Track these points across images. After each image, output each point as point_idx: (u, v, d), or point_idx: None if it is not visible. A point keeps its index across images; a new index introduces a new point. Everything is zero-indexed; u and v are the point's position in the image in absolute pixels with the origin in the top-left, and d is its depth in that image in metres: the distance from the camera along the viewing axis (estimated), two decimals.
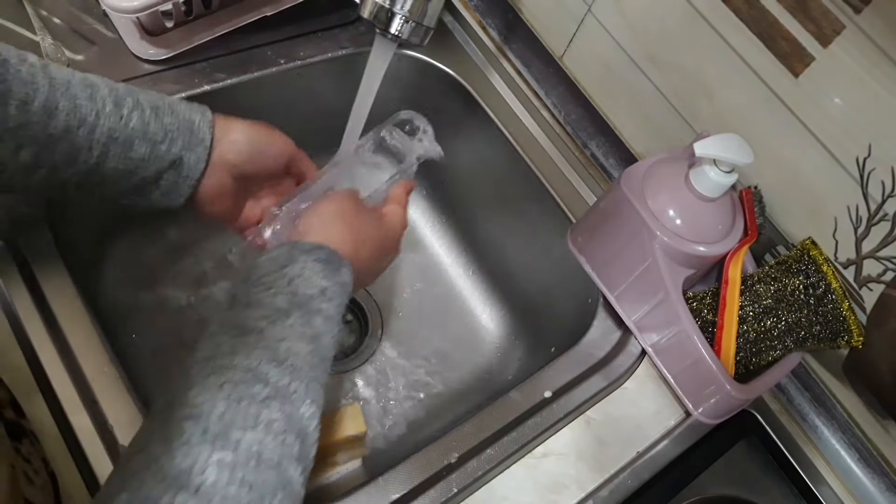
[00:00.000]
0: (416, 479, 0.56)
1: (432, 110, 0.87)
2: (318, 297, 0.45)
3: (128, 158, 0.50)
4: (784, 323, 0.62)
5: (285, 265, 0.46)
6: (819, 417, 0.68)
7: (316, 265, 0.47)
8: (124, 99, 0.50)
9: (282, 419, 0.39)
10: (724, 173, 0.59)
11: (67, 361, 0.54)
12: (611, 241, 0.67)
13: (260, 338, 0.42)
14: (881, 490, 0.66)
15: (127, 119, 0.50)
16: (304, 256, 0.47)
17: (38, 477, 0.46)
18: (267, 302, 0.44)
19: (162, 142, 0.51)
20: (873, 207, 0.57)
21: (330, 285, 0.47)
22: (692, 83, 0.67)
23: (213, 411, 0.38)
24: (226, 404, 0.38)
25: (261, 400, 0.39)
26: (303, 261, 0.47)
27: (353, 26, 0.81)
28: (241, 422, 0.38)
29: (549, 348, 0.78)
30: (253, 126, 0.57)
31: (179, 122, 0.52)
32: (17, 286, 0.57)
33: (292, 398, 0.41)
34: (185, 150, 0.52)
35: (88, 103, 0.48)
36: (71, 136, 0.47)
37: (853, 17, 0.53)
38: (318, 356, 0.44)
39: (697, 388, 0.64)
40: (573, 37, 0.77)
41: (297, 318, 0.44)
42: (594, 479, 0.61)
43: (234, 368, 0.40)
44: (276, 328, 0.43)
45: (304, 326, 0.44)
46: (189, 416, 0.38)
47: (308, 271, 0.46)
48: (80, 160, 0.49)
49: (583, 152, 0.81)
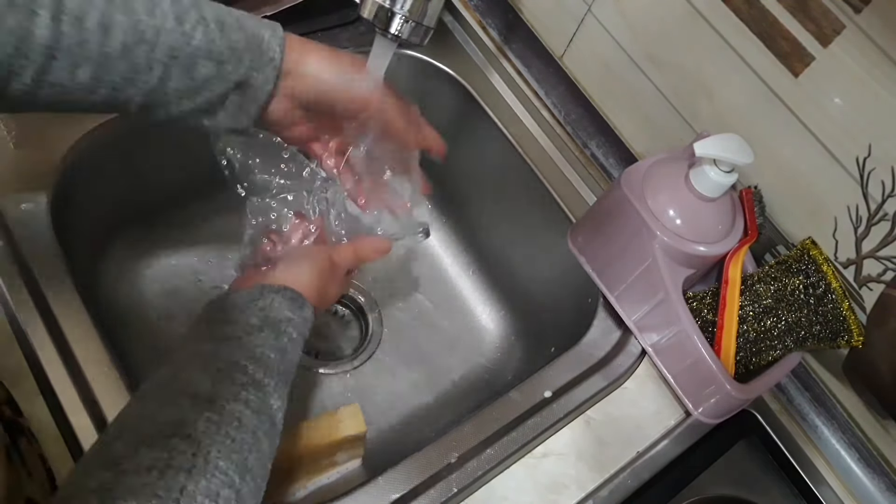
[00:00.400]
0: (416, 479, 0.56)
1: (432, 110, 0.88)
2: (285, 322, 0.50)
3: (191, 78, 0.47)
4: (784, 323, 0.62)
5: (256, 299, 0.50)
6: (819, 417, 0.68)
7: (283, 301, 0.51)
8: (187, 13, 0.46)
9: (256, 401, 0.44)
10: (724, 173, 0.59)
11: (67, 361, 0.54)
12: (611, 241, 0.67)
13: (238, 344, 0.46)
14: (881, 490, 0.66)
15: (189, 36, 0.46)
16: (272, 294, 0.51)
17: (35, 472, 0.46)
18: (242, 321, 0.48)
19: (227, 61, 0.48)
20: (873, 207, 0.57)
21: (294, 317, 0.51)
22: (692, 83, 0.67)
23: (201, 384, 0.42)
24: (211, 382, 0.43)
25: (240, 384, 0.44)
26: (271, 297, 0.51)
27: (352, 26, 0.81)
28: (225, 394, 0.42)
29: (549, 348, 0.78)
30: (335, 57, 0.53)
31: (247, 38, 0.48)
32: (17, 286, 0.57)
33: (265, 389, 0.45)
34: (253, 70, 0.49)
35: (148, 19, 0.45)
36: (129, 54, 0.44)
37: (853, 16, 0.53)
38: (284, 366, 0.48)
39: (697, 387, 0.64)
40: (573, 37, 0.77)
41: (269, 333, 0.48)
42: (594, 479, 0.61)
43: (219, 359, 0.45)
44: (251, 338, 0.47)
45: (274, 340, 0.48)
46: (180, 390, 0.42)
47: (276, 303, 0.50)
48: (141, 80, 0.46)
49: (583, 152, 0.81)
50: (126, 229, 0.78)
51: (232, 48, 0.48)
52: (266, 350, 0.47)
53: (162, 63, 0.46)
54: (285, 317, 0.50)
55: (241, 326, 0.48)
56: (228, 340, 0.46)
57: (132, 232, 0.78)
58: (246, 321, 0.48)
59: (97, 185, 0.70)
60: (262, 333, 0.47)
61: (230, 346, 0.46)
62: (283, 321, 0.49)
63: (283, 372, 0.47)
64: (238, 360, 0.45)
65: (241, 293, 0.51)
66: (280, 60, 0.50)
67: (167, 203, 0.80)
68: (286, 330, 0.49)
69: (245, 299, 0.50)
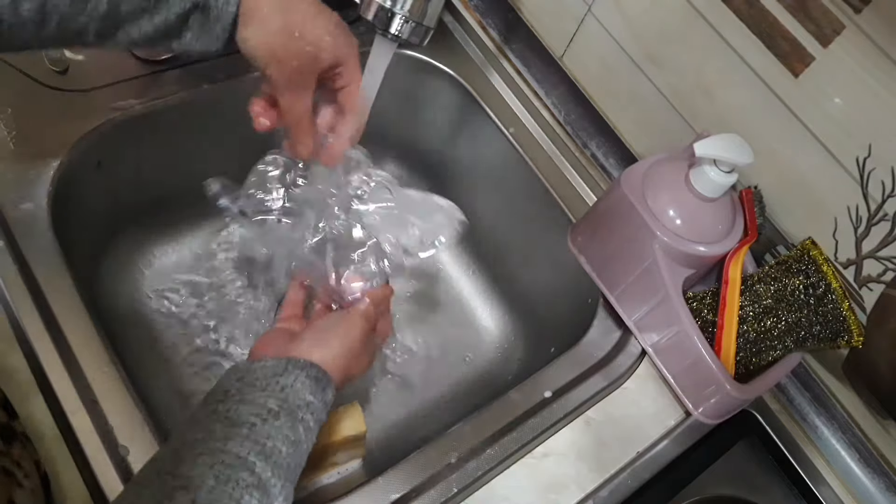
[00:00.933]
0: (416, 480, 0.56)
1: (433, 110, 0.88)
2: (303, 408, 0.48)
3: None
4: (784, 323, 0.62)
5: (280, 374, 0.49)
6: (819, 417, 0.68)
7: (307, 381, 0.49)
8: None
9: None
10: (724, 173, 0.59)
11: (67, 361, 0.54)
12: (611, 241, 0.67)
13: (251, 432, 0.45)
14: (881, 490, 0.66)
15: None
16: (297, 371, 0.49)
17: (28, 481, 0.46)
18: (260, 402, 0.47)
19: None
20: (873, 207, 0.57)
21: (315, 401, 0.49)
22: (692, 83, 0.67)
23: (202, 486, 0.40)
24: (214, 482, 0.41)
25: (245, 486, 0.42)
26: (296, 374, 0.49)
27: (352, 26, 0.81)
28: (227, 500, 0.40)
29: (549, 348, 0.78)
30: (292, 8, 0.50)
31: None
32: (17, 286, 0.56)
33: (271, 491, 0.43)
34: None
35: None
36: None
37: (853, 16, 0.53)
38: (294, 461, 0.47)
39: (697, 387, 0.64)
40: (573, 37, 0.77)
41: (285, 421, 0.46)
42: (594, 479, 0.61)
43: (226, 453, 0.43)
44: (266, 426, 0.45)
45: (289, 430, 0.46)
46: (181, 487, 0.40)
47: (299, 384, 0.49)
48: (90, 6, 0.44)
49: (583, 152, 0.81)
50: (126, 229, 0.78)
51: None
52: (278, 443, 0.45)
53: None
54: (304, 402, 0.48)
55: (257, 408, 0.46)
56: (241, 426, 0.45)
57: (132, 232, 0.78)
58: (263, 403, 0.46)
59: (97, 184, 0.70)
60: (278, 422, 0.46)
61: (241, 434, 0.44)
62: (301, 407, 0.48)
63: (292, 468, 0.46)
64: (247, 455, 0.43)
65: (266, 365, 0.49)
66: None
67: (167, 203, 0.80)
68: (303, 417, 0.48)
69: (268, 373, 0.49)
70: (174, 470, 0.41)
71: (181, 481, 0.40)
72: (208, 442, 0.43)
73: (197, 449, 0.43)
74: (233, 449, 0.43)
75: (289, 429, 0.46)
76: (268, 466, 0.44)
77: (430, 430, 0.77)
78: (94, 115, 0.67)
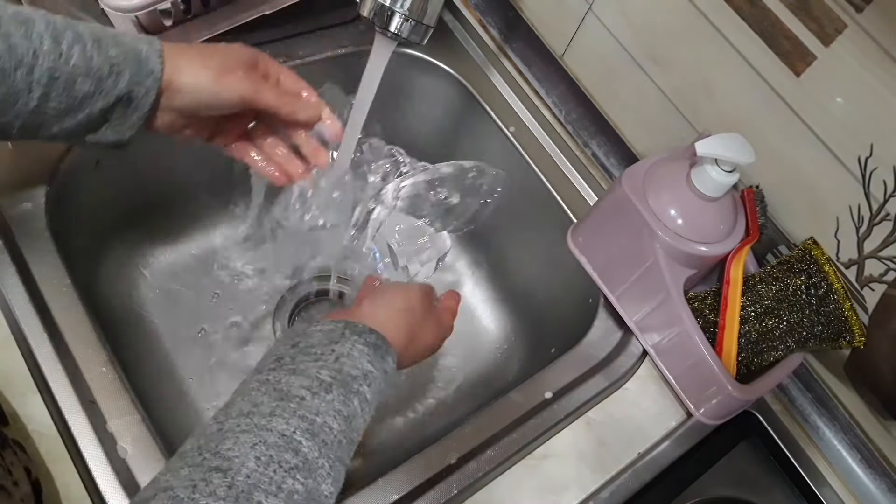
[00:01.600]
0: (416, 481, 0.56)
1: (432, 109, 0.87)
2: (360, 379, 0.46)
3: (71, 97, 0.47)
4: (786, 323, 0.62)
5: (336, 341, 0.47)
6: (821, 418, 0.68)
7: (364, 348, 0.47)
8: (63, 33, 0.46)
9: (303, 492, 0.39)
10: (726, 173, 0.59)
11: (65, 362, 0.54)
12: (612, 241, 0.67)
13: (299, 406, 0.42)
14: (883, 491, 0.66)
15: (67, 56, 0.46)
16: (354, 337, 0.48)
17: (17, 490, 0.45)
18: (312, 373, 0.44)
19: (108, 76, 0.47)
20: (875, 207, 0.57)
21: (374, 370, 0.47)
22: (693, 82, 0.67)
23: (241, 468, 0.38)
24: (255, 464, 0.39)
25: (288, 469, 0.39)
26: (353, 341, 0.47)
27: (352, 25, 0.81)
28: (266, 485, 0.38)
29: (549, 349, 0.78)
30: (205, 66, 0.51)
31: (125, 52, 0.48)
32: (15, 286, 0.56)
33: (317, 473, 0.41)
34: (134, 84, 0.49)
35: (24, 42, 0.44)
36: (7, 79, 0.44)
37: (855, 16, 0.53)
38: (347, 437, 0.44)
39: (699, 388, 0.64)
40: (574, 35, 0.77)
41: (338, 394, 0.44)
42: (595, 481, 0.61)
43: (271, 431, 0.40)
44: (316, 400, 0.43)
45: (342, 405, 0.44)
46: (218, 469, 0.38)
47: (356, 352, 0.47)
48: (20, 103, 0.45)
49: (584, 151, 0.81)
50: (124, 229, 0.77)
51: (111, 64, 0.47)
52: (329, 419, 0.43)
53: (41, 84, 0.45)
54: (361, 371, 0.46)
55: (308, 379, 0.44)
56: (290, 400, 0.42)
57: (130, 232, 0.78)
58: (315, 375, 0.44)
59: (95, 184, 0.70)
60: (330, 395, 0.43)
61: (289, 410, 0.42)
62: (357, 378, 0.46)
63: (344, 445, 0.43)
64: (293, 433, 0.41)
65: (323, 330, 0.48)
66: (161, 71, 0.49)
67: (165, 203, 0.80)
68: (359, 389, 0.45)
69: (324, 339, 0.47)
70: (216, 447, 0.39)
71: (220, 461, 0.38)
72: (253, 416, 0.41)
73: (241, 425, 0.41)
74: (278, 426, 0.41)
75: (341, 403, 0.44)
76: (315, 445, 0.41)
77: (430, 431, 0.77)
78: None
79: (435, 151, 0.91)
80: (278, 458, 0.39)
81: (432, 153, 0.91)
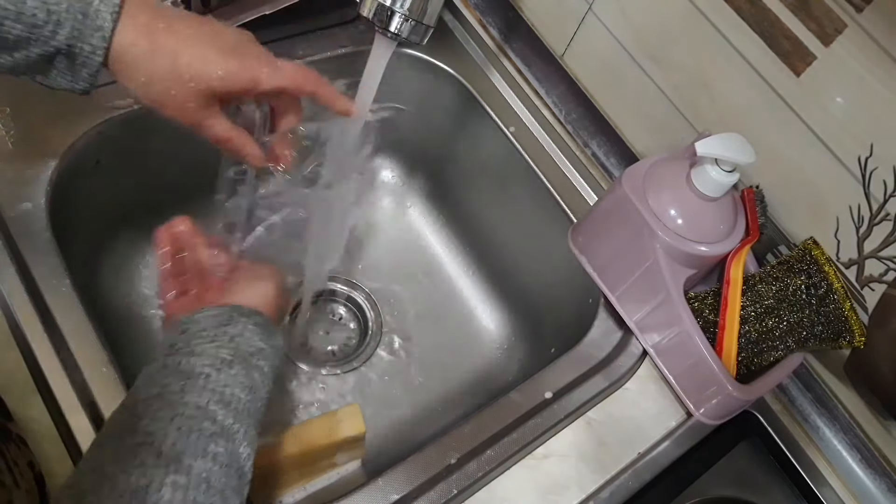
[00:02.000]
0: (416, 481, 0.56)
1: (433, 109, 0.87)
2: (256, 355, 0.48)
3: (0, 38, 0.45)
4: (786, 323, 0.62)
5: (226, 324, 0.48)
6: (821, 418, 0.68)
7: (255, 328, 0.49)
8: None
9: (225, 454, 0.42)
10: (726, 173, 0.59)
11: (65, 362, 0.54)
12: (612, 241, 0.67)
13: (207, 381, 0.44)
14: (883, 491, 0.66)
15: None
16: (244, 319, 0.49)
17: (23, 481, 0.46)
18: (211, 352, 0.46)
19: (44, 24, 0.45)
20: (875, 207, 0.57)
21: (266, 347, 0.49)
22: (693, 82, 0.67)
23: (165, 440, 0.40)
24: (177, 434, 0.40)
25: (208, 435, 0.42)
26: (243, 322, 0.49)
27: (352, 25, 0.81)
28: (192, 451, 0.40)
29: (549, 349, 0.78)
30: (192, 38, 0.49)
31: (72, 4, 0.45)
32: (15, 286, 0.56)
33: (234, 437, 0.43)
34: (76, 39, 0.46)
35: None
36: None
37: (855, 15, 0.53)
38: (254, 406, 0.46)
39: (699, 388, 0.64)
40: (574, 35, 0.77)
41: (239, 369, 0.46)
42: (595, 481, 0.61)
43: (185, 405, 0.42)
44: (222, 375, 0.45)
45: (244, 378, 0.46)
46: (142, 443, 0.39)
47: (248, 332, 0.49)
48: None
49: (584, 151, 0.81)
50: (124, 229, 0.77)
51: (50, 11, 0.45)
52: (236, 390, 0.45)
53: None
54: (256, 348, 0.48)
55: (209, 358, 0.46)
56: (196, 378, 0.44)
57: (130, 231, 0.78)
58: (215, 354, 0.46)
59: (95, 184, 0.70)
60: (232, 370, 0.46)
61: (198, 385, 0.44)
62: (254, 353, 0.48)
63: (252, 412, 0.46)
64: (206, 404, 0.43)
65: (210, 315, 0.49)
66: (111, 30, 0.47)
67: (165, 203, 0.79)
68: (257, 364, 0.48)
69: (213, 322, 0.48)
70: (135, 426, 0.41)
71: (143, 437, 0.40)
72: (164, 396, 0.43)
73: (154, 405, 0.42)
74: (192, 400, 0.43)
75: (244, 376, 0.46)
76: (229, 413, 0.43)
77: (430, 431, 0.77)
78: (92, 114, 0.66)
79: (435, 151, 0.91)
80: (198, 427, 0.41)
81: (432, 153, 0.91)
